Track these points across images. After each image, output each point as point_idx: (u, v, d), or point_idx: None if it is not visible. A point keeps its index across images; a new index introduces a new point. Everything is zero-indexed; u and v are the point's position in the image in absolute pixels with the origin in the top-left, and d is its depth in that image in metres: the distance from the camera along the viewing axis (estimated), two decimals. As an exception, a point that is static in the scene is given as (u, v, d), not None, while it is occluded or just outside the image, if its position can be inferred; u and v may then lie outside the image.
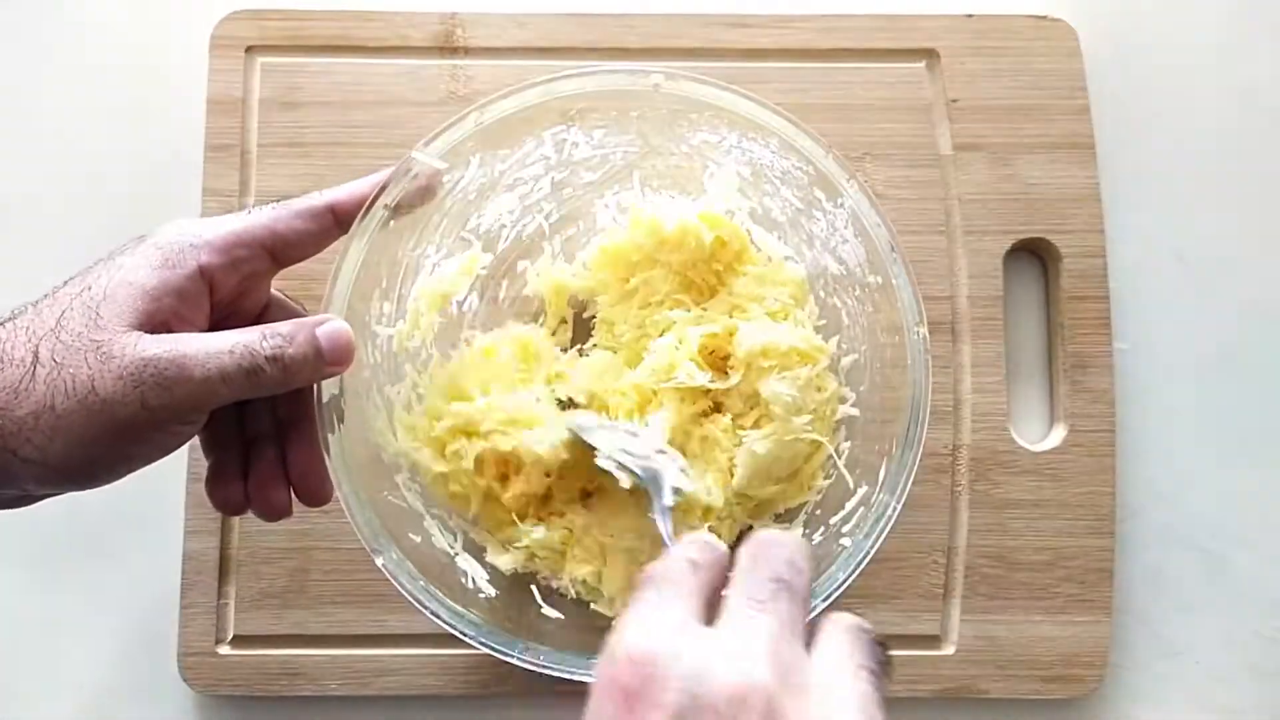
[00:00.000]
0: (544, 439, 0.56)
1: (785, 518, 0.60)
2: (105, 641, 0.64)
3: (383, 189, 0.51)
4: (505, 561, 0.57)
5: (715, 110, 0.56)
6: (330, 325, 0.46)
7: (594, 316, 0.63)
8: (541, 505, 0.59)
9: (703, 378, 0.58)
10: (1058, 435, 0.65)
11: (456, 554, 0.57)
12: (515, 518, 0.57)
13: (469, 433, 0.56)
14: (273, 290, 0.52)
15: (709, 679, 0.30)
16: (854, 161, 0.65)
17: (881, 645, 0.34)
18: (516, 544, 0.57)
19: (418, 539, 0.56)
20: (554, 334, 0.63)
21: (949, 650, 0.63)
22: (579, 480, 0.59)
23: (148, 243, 0.46)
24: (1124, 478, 0.65)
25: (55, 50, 0.69)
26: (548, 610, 0.57)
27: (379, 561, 0.52)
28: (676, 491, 0.53)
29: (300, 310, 0.53)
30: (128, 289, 0.43)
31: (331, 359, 0.46)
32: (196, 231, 0.46)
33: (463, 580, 0.56)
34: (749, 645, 0.31)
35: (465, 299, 0.62)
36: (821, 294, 0.61)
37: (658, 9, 0.68)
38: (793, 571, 0.35)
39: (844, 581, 0.52)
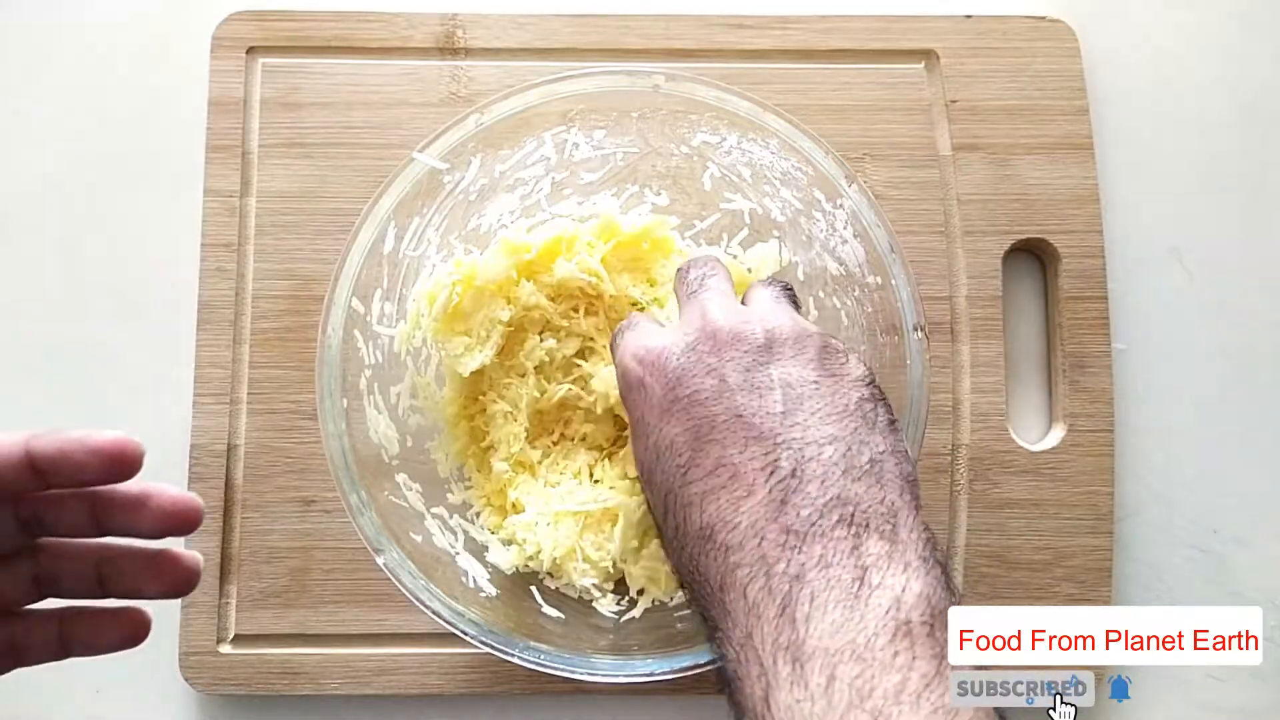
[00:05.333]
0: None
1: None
2: (106, 641, 0.64)
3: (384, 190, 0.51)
4: (506, 560, 0.58)
5: (715, 111, 0.57)
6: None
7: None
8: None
9: None
10: (1056, 435, 0.65)
11: (457, 553, 0.58)
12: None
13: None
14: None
15: (713, 325, 0.46)
16: (853, 162, 0.65)
17: (786, 286, 0.51)
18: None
19: (418, 538, 0.56)
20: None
21: (948, 650, 0.63)
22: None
23: None
24: (1122, 477, 0.65)
25: (56, 51, 0.69)
26: (548, 610, 0.57)
27: (380, 561, 0.52)
28: None
29: None
30: None
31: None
32: None
33: (463, 580, 0.56)
34: (705, 307, 0.48)
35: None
36: (820, 294, 0.61)
37: (658, 9, 0.68)
38: (708, 268, 0.51)
39: (843, 581, 0.52)
